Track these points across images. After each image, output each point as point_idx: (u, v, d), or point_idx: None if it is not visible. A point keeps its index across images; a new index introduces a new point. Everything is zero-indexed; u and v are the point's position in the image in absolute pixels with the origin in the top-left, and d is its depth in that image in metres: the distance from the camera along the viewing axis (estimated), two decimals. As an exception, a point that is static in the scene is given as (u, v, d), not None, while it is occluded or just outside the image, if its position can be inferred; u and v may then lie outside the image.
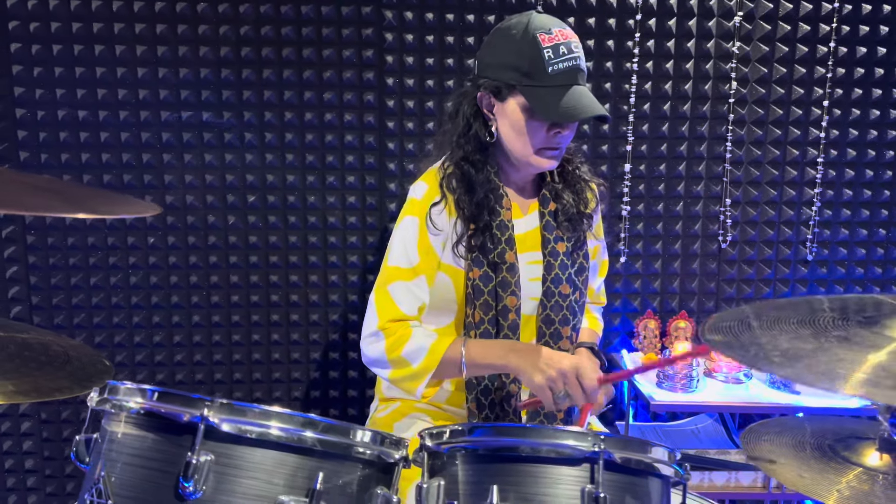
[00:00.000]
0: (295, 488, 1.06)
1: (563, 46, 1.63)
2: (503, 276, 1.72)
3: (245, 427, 1.05)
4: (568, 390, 1.56)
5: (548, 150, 1.70)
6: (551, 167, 1.75)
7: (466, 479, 1.10)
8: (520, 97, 1.65)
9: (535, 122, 1.66)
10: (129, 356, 2.57)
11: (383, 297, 1.70)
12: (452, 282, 1.75)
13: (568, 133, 1.70)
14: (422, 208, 1.73)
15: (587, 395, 1.57)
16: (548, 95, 1.63)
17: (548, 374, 1.56)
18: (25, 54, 2.37)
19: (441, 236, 1.73)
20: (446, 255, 1.75)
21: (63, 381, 1.35)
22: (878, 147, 2.62)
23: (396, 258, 1.71)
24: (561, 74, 1.63)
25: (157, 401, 1.09)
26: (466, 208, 1.72)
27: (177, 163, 2.48)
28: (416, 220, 1.72)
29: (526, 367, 1.59)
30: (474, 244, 1.73)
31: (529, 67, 1.62)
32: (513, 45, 1.65)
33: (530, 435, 1.08)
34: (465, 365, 1.64)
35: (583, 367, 1.57)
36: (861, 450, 1.41)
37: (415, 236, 1.72)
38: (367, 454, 1.12)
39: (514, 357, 1.62)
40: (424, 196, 1.75)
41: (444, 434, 1.14)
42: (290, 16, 2.44)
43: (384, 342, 1.66)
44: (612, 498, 1.05)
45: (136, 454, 1.08)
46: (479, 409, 1.76)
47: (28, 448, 2.59)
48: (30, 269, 2.49)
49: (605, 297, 2.11)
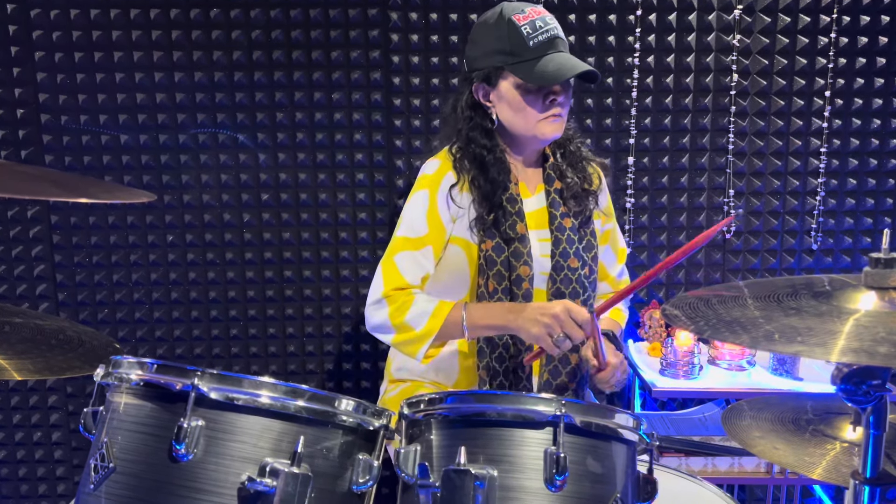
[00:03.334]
0: (279, 452, 1.14)
1: (539, 21, 1.76)
2: (515, 247, 1.82)
3: (232, 395, 1.14)
4: (565, 330, 1.63)
5: (549, 117, 1.80)
6: (557, 135, 1.84)
7: (439, 444, 1.17)
8: (510, 76, 1.77)
9: (530, 95, 1.77)
10: (150, 351, 2.69)
11: (389, 266, 1.80)
12: (466, 254, 1.85)
13: (563, 99, 1.80)
14: (433, 182, 1.83)
15: (583, 327, 1.64)
16: (535, 65, 1.74)
17: (542, 321, 1.63)
18: (49, 62, 2.50)
19: (460, 213, 1.83)
20: (458, 229, 1.84)
21: (74, 362, 1.46)
22: (882, 136, 2.63)
23: (405, 229, 1.82)
24: (542, 45, 1.75)
25: (155, 372, 1.17)
26: (482, 185, 1.82)
27: (193, 163, 2.59)
28: (427, 193, 1.83)
29: (522, 323, 1.67)
30: (487, 219, 1.82)
31: (512, 47, 1.75)
32: (492, 32, 1.78)
33: (497, 401, 1.14)
34: (467, 327, 1.73)
35: (572, 305, 1.65)
36: (837, 424, 1.46)
37: (424, 208, 1.82)
38: (348, 422, 1.20)
39: (511, 316, 1.70)
40: (436, 171, 1.85)
41: (421, 403, 1.21)
42: (299, 19, 2.53)
43: (388, 309, 1.76)
44: (573, 458, 1.11)
45: (135, 421, 1.16)
46: (493, 377, 1.84)
47: (55, 421, 2.72)
48: (56, 267, 2.62)
49: None
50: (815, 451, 1.39)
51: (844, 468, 1.30)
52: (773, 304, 1.12)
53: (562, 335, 1.63)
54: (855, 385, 1.05)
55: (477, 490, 1.10)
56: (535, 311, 1.66)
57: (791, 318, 1.05)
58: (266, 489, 1.11)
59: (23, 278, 2.62)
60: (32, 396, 2.69)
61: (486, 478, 1.10)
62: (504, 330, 1.75)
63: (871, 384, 1.04)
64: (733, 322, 1.07)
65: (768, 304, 1.11)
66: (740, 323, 1.07)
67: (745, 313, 1.08)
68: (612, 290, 2.11)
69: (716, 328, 1.05)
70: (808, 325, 1.04)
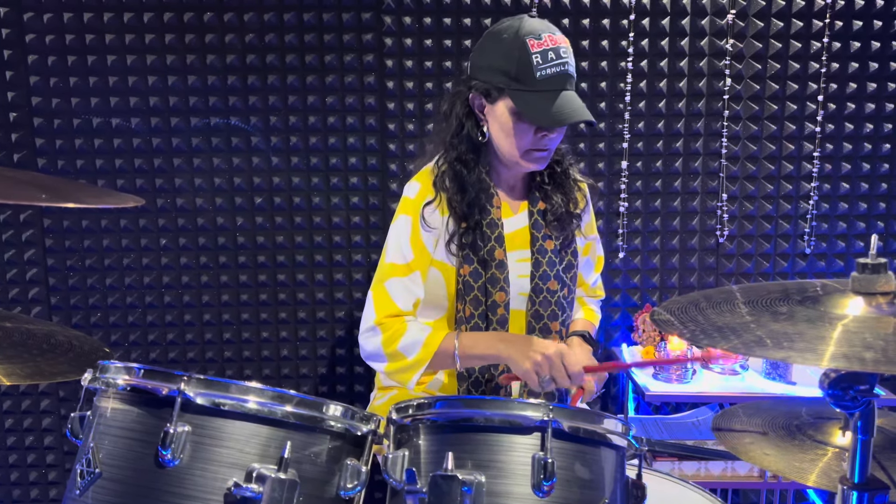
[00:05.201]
0: (266, 457, 1.13)
1: (552, 52, 1.67)
2: (492, 273, 1.79)
3: (219, 400, 1.13)
4: (553, 374, 1.62)
5: (535, 151, 1.75)
6: (538, 168, 1.81)
7: (428, 449, 1.16)
8: (508, 100, 1.69)
9: (522, 124, 1.70)
10: (143, 354, 2.68)
11: (380, 293, 1.77)
12: (444, 278, 1.82)
13: (555, 136, 1.75)
14: (415, 207, 1.80)
15: (571, 378, 1.63)
16: (535, 100, 1.67)
17: (534, 359, 1.62)
18: (42, 65, 2.50)
19: (433, 234, 1.80)
20: (438, 252, 1.81)
21: (64, 366, 1.45)
22: (874, 140, 2.64)
23: (392, 255, 1.79)
24: (549, 80, 1.67)
25: (141, 377, 1.17)
26: (458, 207, 1.78)
27: (186, 167, 2.59)
28: (410, 219, 1.79)
29: (514, 355, 1.65)
30: (465, 241, 1.79)
31: (518, 72, 1.67)
32: (503, 49, 1.69)
33: (485, 406, 1.14)
34: (459, 357, 1.71)
35: (567, 353, 1.63)
36: (828, 429, 1.46)
37: (408, 234, 1.78)
38: (336, 427, 1.19)
39: (503, 346, 1.68)
40: (417, 195, 1.81)
41: (410, 408, 1.20)
42: (293, 23, 2.53)
43: (381, 336, 1.73)
44: (561, 464, 1.11)
45: (122, 426, 1.16)
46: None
47: (47, 425, 2.72)
48: (49, 271, 2.61)
49: (602, 291, 2.15)
50: (806, 456, 1.38)
51: (835, 473, 1.29)
52: (763, 309, 1.11)
53: (548, 377, 1.62)
54: (842, 390, 1.05)
55: (464, 496, 1.09)
56: (528, 346, 1.65)
57: (781, 324, 1.05)
58: (253, 495, 1.10)
59: (15, 282, 2.61)
60: (24, 401, 2.68)
61: (473, 483, 1.10)
62: (495, 360, 1.74)
63: (859, 389, 1.04)
64: (724, 327, 1.07)
65: (759, 308, 1.11)
66: (731, 328, 1.06)
67: (735, 318, 1.08)
68: (586, 296, 2.10)
69: (707, 333, 1.05)
70: (799, 331, 1.03)
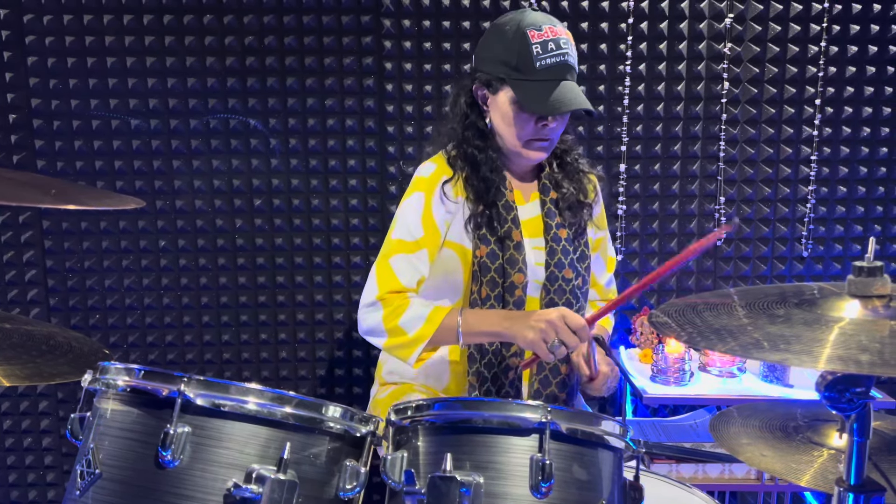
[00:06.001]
0: (266, 458, 1.14)
1: (552, 42, 1.72)
2: (510, 254, 1.81)
3: (219, 401, 1.14)
4: (559, 337, 1.62)
5: (536, 141, 1.79)
6: (540, 159, 1.84)
7: (426, 450, 1.17)
8: (509, 90, 1.74)
9: (523, 114, 1.75)
10: (142, 356, 2.69)
11: (384, 268, 1.78)
12: (460, 259, 1.83)
13: (556, 125, 1.78)
14: (429, 185, 1.82)
15: (578, 335, 1.62)
16: (534, 89, 1.72)
17: (538, 327, 1.62)
18: (41, 67, 2.50)
19: (449, 212, 1.81)
20: (453, 233, 1.83)
21: (63, 367, 1.46)
22: (872, 144, 2.65)
23: (399, 232, 1.80)
24: (548, 69, 1.71)
25: (142, 378, 1.17)
26: (474, 185, 1.81)
27: (186, 169, 2.59)
28: (423, 195, 1.81)
29: (518, 329, 1.65)
30: (481, 222, 1.81)
31: (518, 62, 1.72)
32: (504, 41, 1.74)
33: (484, 407, 1.15)
34: (462, 333, 1.72)
35: (568, 313, 1.63)
36: (825, 431, 1.47)
37: (419, 211, 1.80)
38: (335, 428, 1.20)
39: (507, 322, 1.69)
40: (433, 174, 1.83)
41: (409, 409, 1.21)
42: (293, 25, 2.54)
43: (381, 312, 1.74)
44: (559, 465, 1.11)
45: (122, 427, 1.16)
46: (481, 384, 1.84)
47: (45, 426, 2.72)
48: (48, 272, 2.61)
49: (615, 294, 2.16)
50: (803, 458, 1.39)
51: (832, 475, 1.30)
52: (760, 312, 1.12)
53: (557, 342, 1.62)
54: (839, 392, 1.06)
55: (463, 497, 1.10)
56: (530, 318, 1.65)
57: (778, 326, 1.06)
58: (252, 496, 1.11)
59: (14, 283, 2.62)
60: (23, 402, 2.69)
61: (471, 484, 1.11)
62: (499, 337, 1.74)
63: (855, 391, 1.05)
64: (721, 330, 1.08)
65: (756, 311, 1.12)
66: (728, 330, 1.07)
67: (732, 321, 1.09)
68: (599, 299, 2.11)
69: (704, 335, 1.06)
70: (796, 333, 1.04)
